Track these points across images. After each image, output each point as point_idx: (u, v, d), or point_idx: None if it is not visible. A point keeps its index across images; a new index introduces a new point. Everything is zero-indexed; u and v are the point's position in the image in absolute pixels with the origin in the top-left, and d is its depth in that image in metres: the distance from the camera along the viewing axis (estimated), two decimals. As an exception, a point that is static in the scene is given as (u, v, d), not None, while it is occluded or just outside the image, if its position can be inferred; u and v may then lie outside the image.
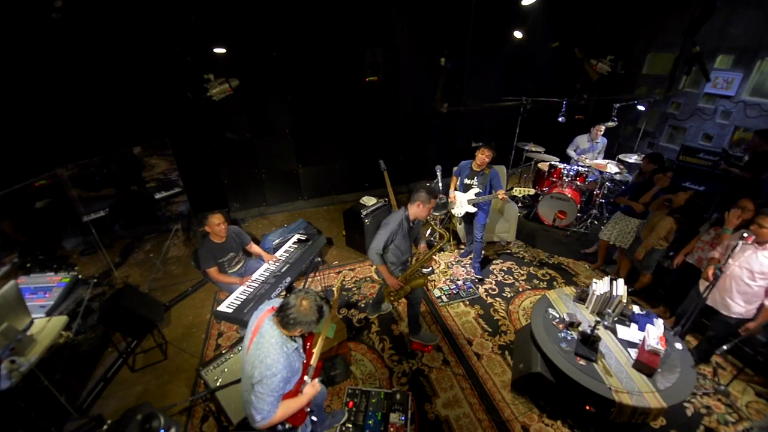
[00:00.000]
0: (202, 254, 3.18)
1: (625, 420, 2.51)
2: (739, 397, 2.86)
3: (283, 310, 1.71)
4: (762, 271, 2.43)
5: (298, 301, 1.69)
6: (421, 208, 2.81)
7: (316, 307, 1.71)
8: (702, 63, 2.83)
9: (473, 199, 3.87)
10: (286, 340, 1.76)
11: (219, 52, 4.18)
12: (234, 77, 4.25)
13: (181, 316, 3.83)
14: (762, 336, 2.82)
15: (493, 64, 5.78)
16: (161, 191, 4.74)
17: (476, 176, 3.86)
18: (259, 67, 4.65)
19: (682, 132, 6.04)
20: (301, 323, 1.70)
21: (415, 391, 2.93)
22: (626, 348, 2.75)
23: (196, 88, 4.17)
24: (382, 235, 2.81)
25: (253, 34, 4.44)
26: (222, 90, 4.08)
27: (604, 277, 3.07)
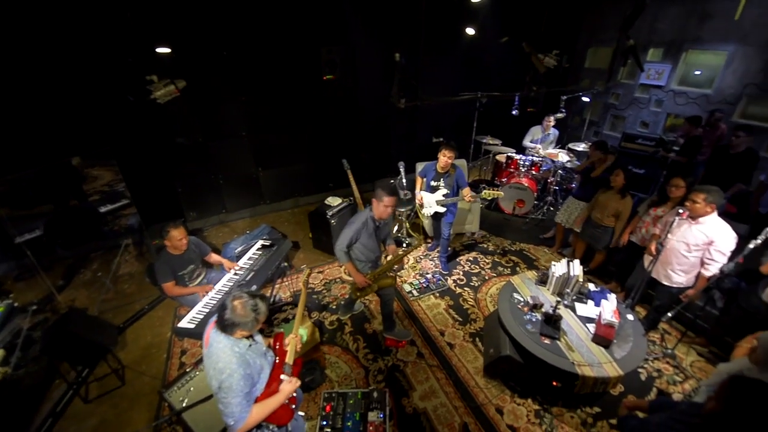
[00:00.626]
0: (159, 268, 2.99)
1: (588, 391, 2.68)
2: (684, 358, 3.15)
3: (220, 317, 1.72)
4: (696, 243, 2.68)
5: (230, 304, 1.70)
6: (382, 208, 2.82)
7: (250, 306, 1.71)
8: (636, 55, 3.07)
9: (442, 200, 3.88)
10: (235, 341, 1.75)
11: (162, 52, 3.92)
12: (180, 78, 3.99)
13: (138, 337, 3.57)
14: (700, 301, 3.12)
15: (448, 60, 5.91)
16: (106, 204, 4.37)
17: (442, 178, 3.85)
18: (208, 67, 4.42)
19: (622, 120, 6.53)
20: (239, 324, 1.70)
21: (392, 387, 2.94)
22: (585, 324, 2.93)
23: (139, 91, 3.88)
24: (347, 233, 2.82)
25: (199, 32, 4.21)
26: (167, 92, 3.83)
27: (561, 259, 3.24)
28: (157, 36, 3.94)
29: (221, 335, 1.74)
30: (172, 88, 3.84)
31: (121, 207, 4.49)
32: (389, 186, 2.82)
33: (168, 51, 3.90)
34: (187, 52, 4.18)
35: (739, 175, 3.96)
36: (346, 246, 2.86)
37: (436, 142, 6.32)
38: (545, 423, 2.68)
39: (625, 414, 1.89)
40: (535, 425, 2.67)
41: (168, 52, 3.91)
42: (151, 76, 3.79)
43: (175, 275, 3.02)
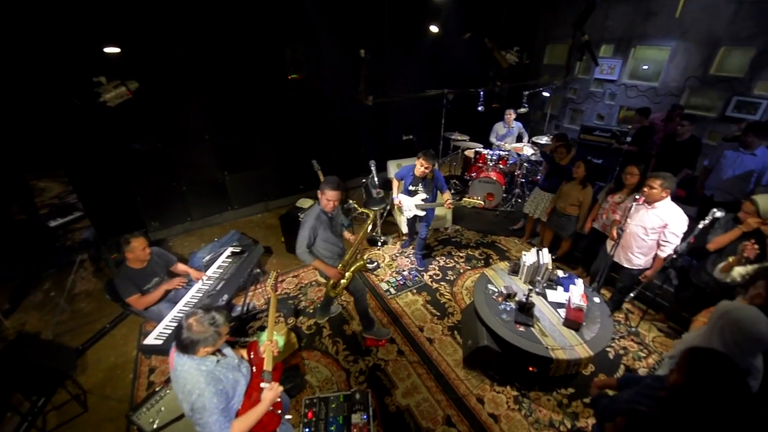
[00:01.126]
0: (120, 284, 2.79)
1: (562, 373, 2.80)
2: (647, 335, 3.36)
3: (178, 338, 1.65)
4: (653, 227, 2.86)
5: (185, 323, 1.65)
6: (324, 201, 2.82)
7: (207, 321, 1.66)
8: (591, 50, 3.22)
9: (421, 204, 3.86)
10: (201, 360, 1.68)
11: (111, 52, 3.67)
12: (132, 79, 3.75)
13: (101, 359, 3.33)
14: (658, 280, 3.33)
15: (413, 58, 5.94)
16: (56, 218, 4.06)
17: (420, 183, 3.81)
18: (163, 68, 4.19)
19: (580, 114, 6.86)
20: (199, 342, 1.64)
21: (374, 387, 2.92)
22: (556, 309, 3.05)
23: (86, 95, 3.60)
24: (303, 233, 2.81)
25: (151, 31, 3.97)
26: (118, 94, 3.57)
27: (531, 249, 3.36)
28: (104, 35, 3.68)
29: (184, 357, 1.66)
30: (123, 90, 3.59)
31: (73, 220, 4.20)
32: (334, 180, 2.83)
33: (117, 51, 3.65)
34: (139, 52, 3.93)
35: (685, 162, 4.28)
36: (306, 246, 2.85)
37: (407, 139, 6.36)
38: (524, 408, 2.77)
39: (596, 394, 1.97)
40: (515, 411, 2.75)
41: (117, 52, 3.66)
42: (99, 77, 3.52)
43: (140, 290, 2.84)
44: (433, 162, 3.66)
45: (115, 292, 2.83)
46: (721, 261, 2.72)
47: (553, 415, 2.73)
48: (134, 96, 3.81)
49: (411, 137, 6.33)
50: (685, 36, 5.17)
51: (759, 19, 4.52)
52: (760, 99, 4.60)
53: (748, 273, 2.29)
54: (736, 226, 2.67)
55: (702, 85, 5.16)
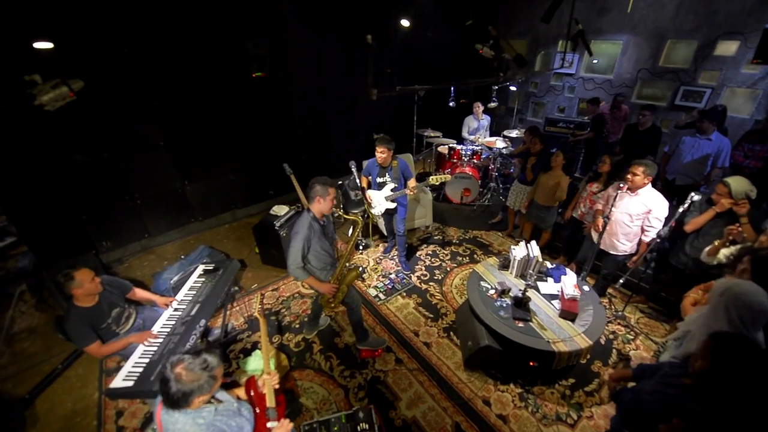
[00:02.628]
0: (73, 330, 2.32)
1: (564, 365, 2.81)
2: (631, 317, 3.49)
3: (165, 393, 1.40)
4: (637, 213, 2.96)
5: (171, 374, 1.40)
6: (322, 203, 2.61)
7: (198, 366, 1.43)
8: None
9: (390, 195, 3.80)
10: (196, 413, 1.45)
11: (43, 48, 3.14)
12: (76, 78, 3.22)
13: (55, 406, 2.86)
14: (641, 266, 3.47)
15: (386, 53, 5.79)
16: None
17: (387, 172, 3.77)
18: (104, 67, 3.70)
19: (542, 107, 7.10)
20: (192, 392, 1.41)
21: (376, 402, 2.76)
22: (550, 301, 3.07)
23: (15, 96, 3.04)
24: (296, 246, 2.54)
25: (89, 24, 3.48)
26: (59, 95, 3.03)
27: (516, 242, 3.36)
28: (32, 26, 3.14)
29: (175, 413, 1.42)
30: (65, 90, 3.05)
31: (4, 248, 3.58)
32: (329, 180, 2.65)
33: (50, 46, 3.13)
34: (76, 47, 3.42)
35: (647, 149, 4.53)
36: (301, 260, 2.59)
37: (377, 137, 6.19)
38: (530, 404, 2.74)
39: (614, 387, 1.96)
40: (521, 409, 2.71)
41: (50, 47, 3.14)
42: (32, 76, 2.97)
43: (97, 330, 2.41)
44: (389, 147, 3.62)
45: (69, 336, 2.39)
46: (699, 241, 2.86)
47: (558, 408, 2.73)
48: (78, 97, 3.27)
49: (381, 135, 6.17)
50: (635, 30, 5.48)
51: (699, 13, 4.89)
52: (704, 88, 4.98)
53: (732, 254, 2.41)
54: (710, 207, 2.81)
55: (652, 77, 5.51)
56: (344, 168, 6.33)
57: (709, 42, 4.84)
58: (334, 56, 5.30)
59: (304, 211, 2.68)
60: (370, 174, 3.90)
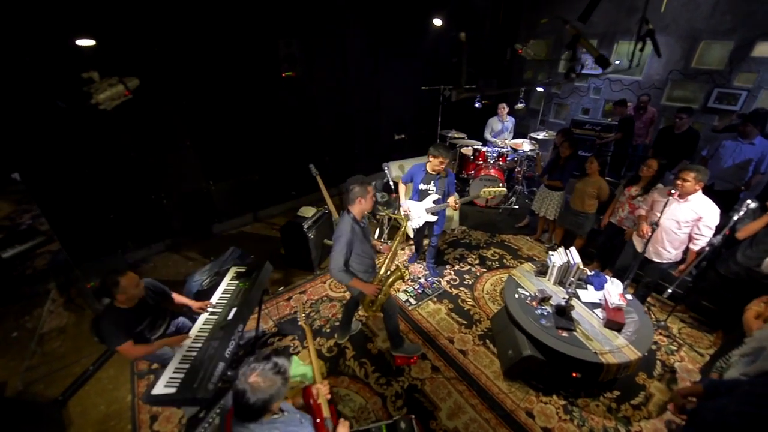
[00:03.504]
0: (107, 329, 2.28)
1: (612, 377, 2.71)
2: (673, 327, 3.38)
3: (241, 406, 1.35)
4: (686, 220, 2.85)
5: (247, 385, 1.33)
6: (364, 203, 2.56)
7: (272, 372, 1.38)
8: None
9: (432, 207, 3.51)
10: (270, 425, 1.40)
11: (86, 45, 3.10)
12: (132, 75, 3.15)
13: (88, 409, 2.82)
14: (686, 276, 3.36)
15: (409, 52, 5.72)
16: (13, 245, 3.42)
17: (433, 180, 3.45)
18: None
19: (565, 108, 6.97)
20: (271, 400, 1.35)
21: (415, 411, 2.68)
22: (592, 310, 2.97)
23: (74, 95, 2.99)
24: (339, 250, 2.49)
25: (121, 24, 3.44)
26: (115, 94, 2.95)
27: (555, 247, 3.27)
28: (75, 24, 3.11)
29: (251, 426, 1.37)
30: (121, 88, 2.98)
31: (34, 246, 3.57)
32: (360, 178, 2.62)
33: (92, 43, 3.08)
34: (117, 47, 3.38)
35: (683, 153, 4.40)
36: (343, 263, 2.54)
37: (398, 139, 6.13)
38: (576, 417, 2.65)
39: (683, 404, 1.87)
40: (567, 422, 2.62)
41: (92, 44, 3.09)
42: (90, 73, 2.89)
43: (132, 335, 2.37)
44: (447, 156, 3.35)
45: (102, 337, 2.35)
46: (753, 250, 2.75)
47: (605, 421, 2.63)
48: (134, 96, 3.19)
49: (402, 136, 6.11)
50: (666, 30, 5.34)
51: (736, 14, 4.75)
52: (739, 90, 4.84)
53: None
54: (765, 213, 2.70)
55: (684, 78, 5.37)
56: (366, 169, 6.30)
57: (747, 43, 4.70)
58: (358, 56, 5.24)
59: (343, 213, 2.62)
60: (412, 179, 3.60)
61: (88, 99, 2.82)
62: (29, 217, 3.72)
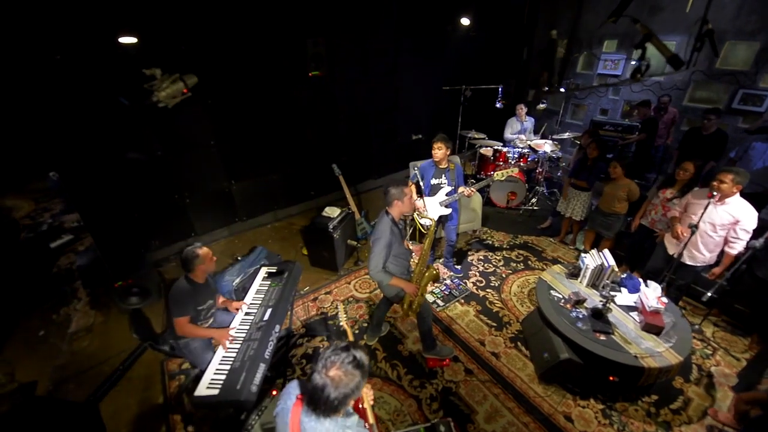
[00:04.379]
0: (178, 297, 2.43)
1: (652, 382, 2.67)
2: (707, 331, 3.34)
3: (318, 400, 1.28)
4: (722, 223, 2.81)
5: (326, 378, 1.27)
6: (401, 205, 2.55)
7: (351, 364, 1.31)
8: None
9: (445, 199, 3.56)
10: (342, 422, 1.35)
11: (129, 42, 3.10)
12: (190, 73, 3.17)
13: (120, 410, 2.81)
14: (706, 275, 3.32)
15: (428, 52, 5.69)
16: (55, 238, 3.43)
17: (443, 174, 3.53)
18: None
19: (582, 109, 6.92)
20: (349, 395, 1.30)
21: (451, 414, 2.66)
22: (628, 313, 2.94)
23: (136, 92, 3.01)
24: (379, 251, 2.49)
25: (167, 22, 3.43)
26: (176, 91, 2.95)
27: (586, 251, 3.23)
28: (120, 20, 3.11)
29: (326, 422, 1.32)
30: (181, 86, 2.97)
31: (64, 244, 3.57)
32: (394, 181, 2.63)
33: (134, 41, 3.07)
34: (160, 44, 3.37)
35: (711, 154, 4.35)
36: (383, 264, 2.54)
37: (416, 139, 6.10)
38: (615, 422, 2.62)
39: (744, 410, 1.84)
40: (606, 426, 2.59)
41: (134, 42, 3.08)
42: (153, 70, 2.89)
43: (195, 310, 2.50)
44: (448, 144, 3.43)
45: (171, 304, 2.45)
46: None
47: (645, 426, 2.60)
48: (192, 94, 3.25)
49: (420, 137, 6.08)
50: (690, 31, 5.28)
51: (763, 14, 4.69)
52: (766, 92, 4.79)
53: None
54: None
55: (707, 79, 5.32)
56: (383, 170, 6.28)
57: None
58: (378, 55, 5.21)
59: (383, 214, 2.60)
60: (423, 177, 3.65)
61: (149, 96, 2.81)
62: (49, 216, 3.74)
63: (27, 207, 3.94)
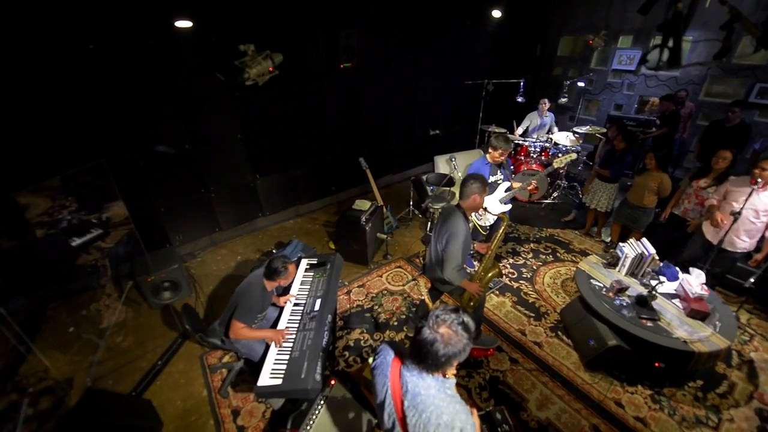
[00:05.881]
0: (250, 299, 2.44)
1: (701, 367, 2.71)
2: (742, 318, 3.39)
3: (426, 354, 1.27)
4: (765, 210, 2.86)
5: (435, 334, 1.25)
6: (480, 199, 2.50)
7: (461, 327, 1.28)
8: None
9: (505, 196, 3.56)
10: (443, 381, 1.33)
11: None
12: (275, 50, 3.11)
13: (164, 404, 2.76)
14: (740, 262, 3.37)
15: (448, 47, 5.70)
16: (76, 237, 3.36)
17: (499, 170, 3.56)
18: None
19: (596, 104, 6.99)
20: (455, 355, 1.28)
21: (502, 403, 2.66)
22: (670, 300, 2.97)
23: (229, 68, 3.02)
24: (457, 247, 2.42)
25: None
26: (263, 69, 2.87)
27: (630, 239, 3.26)
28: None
29: (429, 377, 1.31)
30: (269, 63, 2.88)
31: (95, 238, 3.50)
32: (477, 177, 2.53)
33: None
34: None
35: (735, 146, 4.39)
36: (462, 261, 2.50)
37: (433, 134, 6.10)
38: (665, 406, 2.64)
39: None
40: (657, 411, 2.62)
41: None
42: (248, 45, 2.80)
43: (256, 317, 2.51)
44: (510, 146, 3.43)
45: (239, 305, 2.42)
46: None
47: (695, 410, 2.63)
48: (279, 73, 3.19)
49: (437, 132, 6.08)
50: (706, 26, 5.36)
51: (781, 9, 4.77)
52: (783, 85, 4.88)
53: None
54: None
55: (724, 74, 5.41)
56: (403, 163, 6.27)
57: (791, 38, 4.72)
58: (400, 50, 5.19)
59: (456, 209, 2.53)
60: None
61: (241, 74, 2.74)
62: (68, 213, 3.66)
63: (44, 204, 3.86)
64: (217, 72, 3.06)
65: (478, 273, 2.72)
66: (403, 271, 4.05)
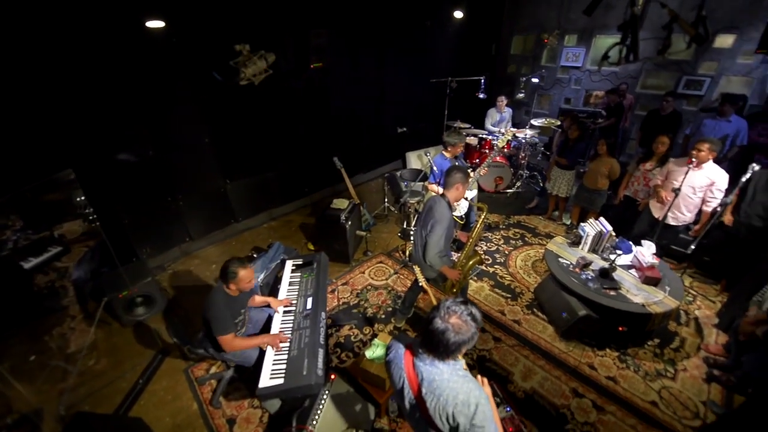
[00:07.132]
0: (219, 313, 2.27)
1: (656, 327, 3.06)
2: (685, 281, 3.85)
3: (437, 343, 1.38)
4: (701, 186, 3.28)
5: (446, 324, 1.37)
6: (461, 189, 2.65)
7: (470, 317, 1.40)
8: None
9: (472, 192, 3.81)
10: (454, 365, 1.45)
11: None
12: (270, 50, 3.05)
13: (152, 423, 2.63)
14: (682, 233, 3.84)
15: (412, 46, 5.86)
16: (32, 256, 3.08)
17: (457, 161, 3.75)
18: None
19: (548, 99, 7.50)
20: (464, 343, 1.39)
21: (491, 378, 2.82)
22: (628, 270, 3.32)
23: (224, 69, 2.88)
24: (441, 234, 2.55)
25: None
26: (259, 69, 2.71)
27: (589, 219, 3.59)
28: None
29: (441, 364, 1.41)
30: (263, 64, 2.73)
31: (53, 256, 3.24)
32: (459, 168, 2.69)
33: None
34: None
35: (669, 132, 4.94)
36: (444, 247, 2.63)
37: (401, 132, 6.24)
38: (630, 365, 2.96)
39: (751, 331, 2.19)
40: (624, 369, 2.92)
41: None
42: (243, 45, 2.62)
43: (233, 324, 2.36)
44: (463, 139, 3.70)
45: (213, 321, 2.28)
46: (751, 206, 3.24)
47: (655, 365, 2.97)
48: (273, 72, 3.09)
49: (404, 130, 6.23)
50: (645, 26, 5.95)
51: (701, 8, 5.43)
52: (704, 77, 5.56)
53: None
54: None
55: (656, 68, 6.04)
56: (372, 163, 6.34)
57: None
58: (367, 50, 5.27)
59: (439, 198, 2.65)
60: (441, 173, 3.70)
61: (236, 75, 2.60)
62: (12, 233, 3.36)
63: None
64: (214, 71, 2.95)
65: (460, 260, 2.87)
66: (384, 266, 4.15)
